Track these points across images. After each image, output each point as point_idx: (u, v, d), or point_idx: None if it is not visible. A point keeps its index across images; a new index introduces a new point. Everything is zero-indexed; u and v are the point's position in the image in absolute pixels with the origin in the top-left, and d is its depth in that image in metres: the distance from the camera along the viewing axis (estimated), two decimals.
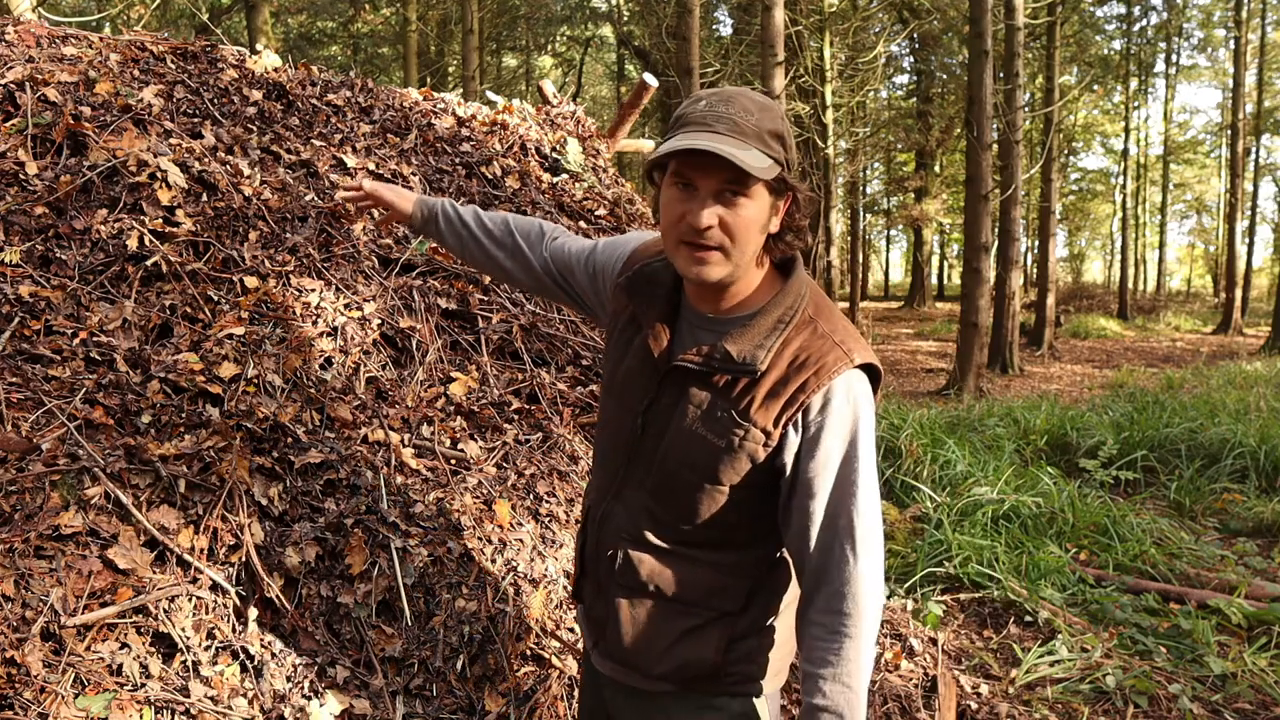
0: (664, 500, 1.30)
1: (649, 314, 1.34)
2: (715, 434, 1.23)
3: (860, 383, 1.22)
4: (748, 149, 1.13)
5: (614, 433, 1.39)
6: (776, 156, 1.17)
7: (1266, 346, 16.18)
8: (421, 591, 2.04)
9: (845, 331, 1.24)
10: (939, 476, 5.38)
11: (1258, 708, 2.97)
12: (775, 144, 1.17)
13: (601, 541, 1.39)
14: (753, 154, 1.13)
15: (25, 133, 2.44)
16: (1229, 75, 24.61)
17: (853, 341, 1.23)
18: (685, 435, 1.26)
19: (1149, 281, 35.72)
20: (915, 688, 2.80)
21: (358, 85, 3.49)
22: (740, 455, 1.22)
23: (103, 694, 1.59)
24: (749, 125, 1.15)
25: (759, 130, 1.15)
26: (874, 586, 1.22)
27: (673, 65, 10.88)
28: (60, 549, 1.71)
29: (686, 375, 1.26)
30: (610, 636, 1.37)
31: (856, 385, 1.21)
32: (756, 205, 1.17)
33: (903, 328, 22.26)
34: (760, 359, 1.20)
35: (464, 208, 1.69)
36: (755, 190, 1.16)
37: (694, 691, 1.34)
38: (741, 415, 1.22)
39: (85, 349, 2.09)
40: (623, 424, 1.35)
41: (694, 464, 1.26)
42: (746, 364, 1.21)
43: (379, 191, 1.71)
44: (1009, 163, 12.17)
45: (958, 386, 10.80)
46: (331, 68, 4.71)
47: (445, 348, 2.70)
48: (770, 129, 1.17)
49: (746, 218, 1.17)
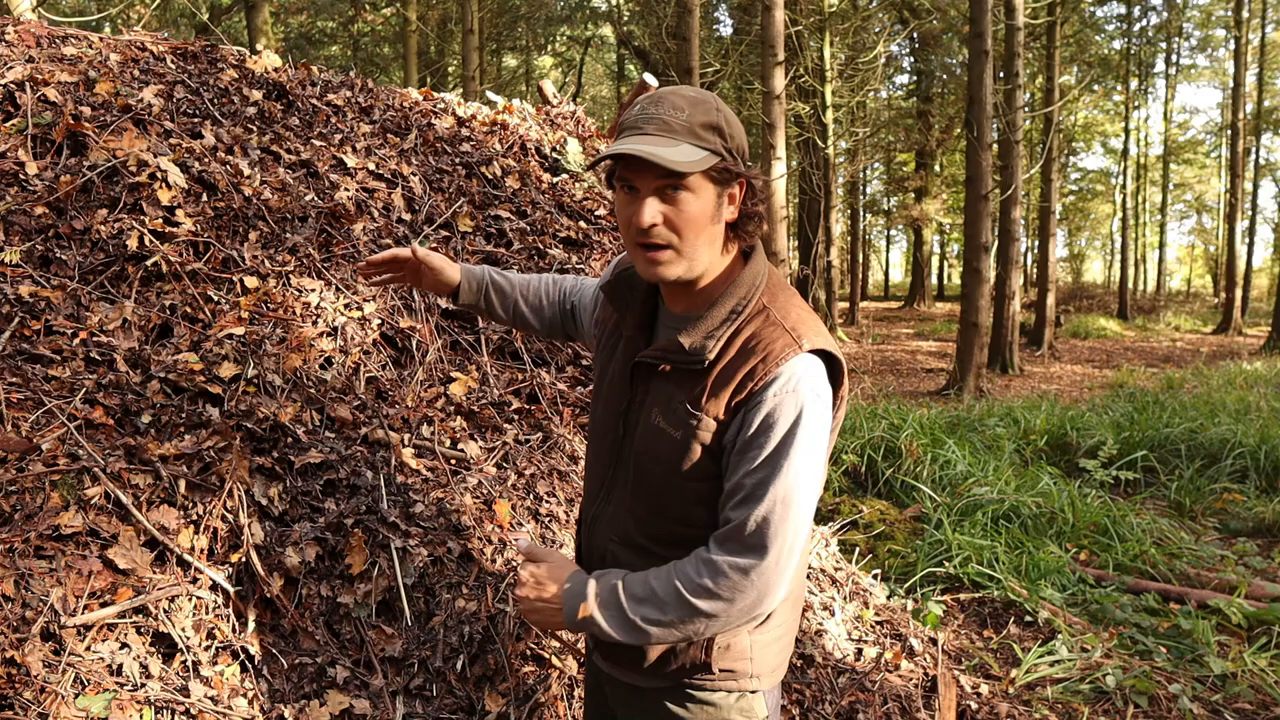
0: (641, 498, 1.32)
1: (627, 318, 1.38)
2: (673, 426, 1.25)
3: (810, 368, 1.20)
4: (677, 145, 1.16)
5: (600, 435, 1.42)
6: (711, 147, 1.19)
7: (1266, 346, 16.19)
8: (421, 591, 2.04)
9: (798, 318, 1.24)
10: (939, 476, 5.38)
11: (1258, 708, 2.97)
12: (710, 135, 1.19)
13: (593, 543, 1.42)
14: (682, 149, 1.16)
15: (25, 133, 2.44)
16: (1229, 75, 24.64)
17: (805, 327, 1.23)
18: (650, 430, 1.28)
19: (1149, 281, 35.72)
20: (915, 688, 2.80)
21: (358, 85, 3.49)
22: (695, 445, 1.23)
23: (103, 694, 1.59)
24: (678, 122, 1.18)
25: (689, 125, 1.18)
26: (770, 580, 1.18)
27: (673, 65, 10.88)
28: (60, 549, 1.71)
29: (650, 372, 1.30)
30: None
31: (804, 371, 1.19)
32: (699, 198, 1.20)
33: (903, 328, 22.25)
34: (709, 348, 1.22)
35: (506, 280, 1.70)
36: (694, 183, 1.19)
37: (689, 687, 1.34)
38: (694, 405, 1.23)
39: (85, 349, 2.09)
40: (608, 426, 1.38)
41: (658, 457, 1.27)
42: (696, 354, 1.22)
43: (430, 259, 1.65)
44: (1009, 163, 12.17)
45: (958, 386, 10.80)
46: (331, 68, 4.72)
47: (445, 348, 2.70)
48: (702, 122, 1.19)
49: (689, 212, 1.19)
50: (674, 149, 1.16)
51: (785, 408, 1.18)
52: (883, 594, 3.41)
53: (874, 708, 2.62)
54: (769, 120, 8.70)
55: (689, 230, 1.20)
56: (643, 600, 1.22)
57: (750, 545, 1.18)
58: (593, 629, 1.25)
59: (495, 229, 3.16)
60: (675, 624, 1.21)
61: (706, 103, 1.21)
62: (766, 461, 1.17)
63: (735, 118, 1.24)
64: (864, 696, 2.63)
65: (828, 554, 3.39)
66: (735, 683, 1.33)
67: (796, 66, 12.76)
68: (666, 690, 1.35)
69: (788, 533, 1.18)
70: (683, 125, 1.18)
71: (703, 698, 1.34)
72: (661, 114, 1.18)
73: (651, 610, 1.21)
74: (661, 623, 1.21)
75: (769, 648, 1.35)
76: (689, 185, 1.18)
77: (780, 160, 8.69)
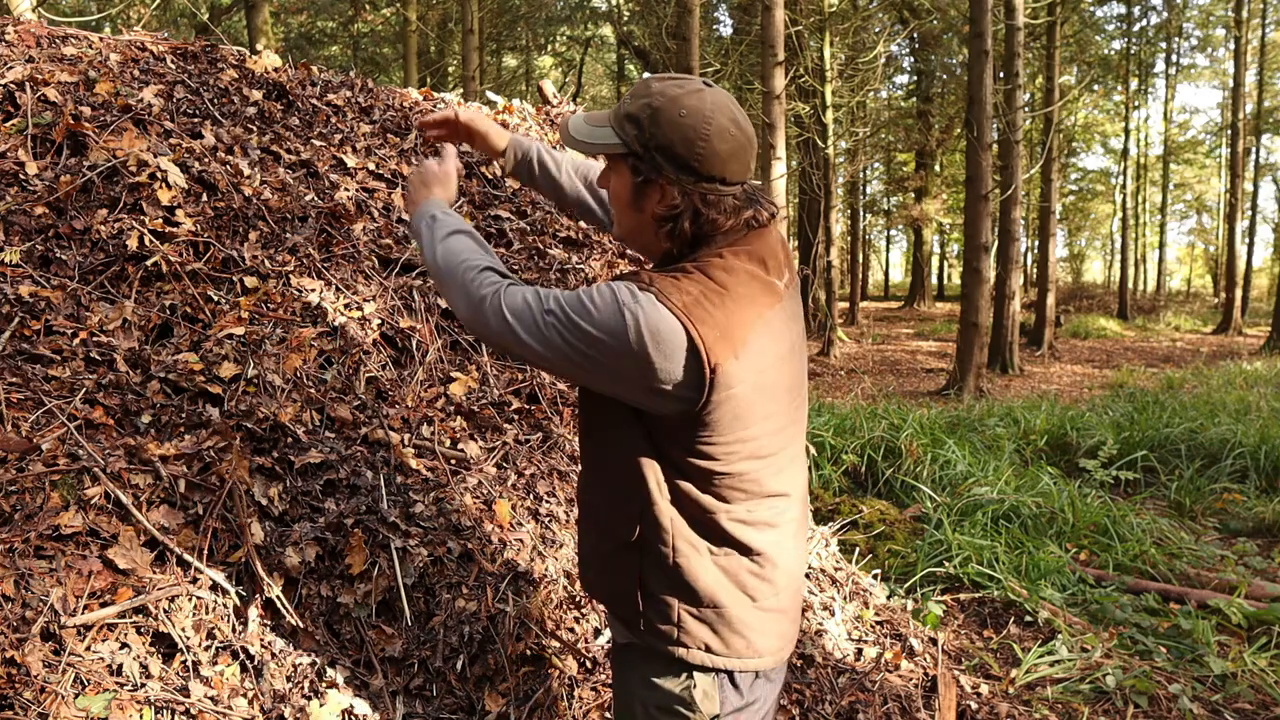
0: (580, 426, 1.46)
1: None
2: None
3: (630, 290, 1.22)
4: (602, 127, 1.29)
5: None
6: (622, 137, 1.27)
7: (1266, 346, 16.18)
8: (421, 591, 2.04)
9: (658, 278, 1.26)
10: (939, 476, 5.38)
11: (1258, 708, 2.97)
12: (624, 125, 1.27)
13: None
14: (600, 131, 1.29)
15: (25, 133, 2.44)
16: (1229, 75, 24.63)
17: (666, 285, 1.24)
18: None
19: (1149, 281, 35.72)
20: (915, 688, 2.80)
21: (358, 85, 3.49)
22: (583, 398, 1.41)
23: (103, 694, 1.59)
24: (618, 108, 1.29)
25: (620, 112, 1.28)
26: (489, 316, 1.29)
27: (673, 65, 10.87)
28: (60, 549, 1.71)
29: None
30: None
31: (624, 289, 1.23)
32: (618, 179, 1.32)
33: (903, 328, 22.25)
34: None
35: (556, 155, 1.77)
36: (617, 167, 1.31)
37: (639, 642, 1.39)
38: None
39: (85, 349, 2.09)
40: None
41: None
42: None
43: (475, 122, 1.75)
44: (1009, 163, 12.17)
45: (958, 386, 10.80)
46: (331, 68, 4.72)
47: (445, 348, 2.70)
48: (626, 111, 1.27)
49: (612, 188, 1.34)
50: (596, 130, 1.29)
51: (604, 289, 1.25)
52: (883, 594, 3.41)
53: (874, 708, 2.62)
54: (769, 120, 8.70)
55: (613, 204, 1.35)
56: (448, 249, 1.40)
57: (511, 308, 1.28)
58: (414, 234, 1.50)
59: (495, 229, 3.16)
60: (445, 273, 1.38)
61: (647, 95, 1.26)
62: (569, 296, 1.26)
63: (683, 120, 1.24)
64: (864, 696, 2.63)
65: (828, 554, 3.39)
66: (667, 647, 1.34)
67: (796, 66, 12.76)
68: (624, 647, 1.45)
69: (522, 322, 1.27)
70: (618, 112, 1.28)
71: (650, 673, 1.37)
72: (623, 98, 1.30)
73: (446, 261, 1.38)
74: (437, 263, 1.40)
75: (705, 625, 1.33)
76: (613, 166, 1.32)
77: (780, 160, 8.69)
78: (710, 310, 1.23)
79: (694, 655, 1.34)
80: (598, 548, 1.45)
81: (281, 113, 3.09)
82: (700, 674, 1.35)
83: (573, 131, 1.31)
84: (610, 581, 1.41)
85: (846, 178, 25.83)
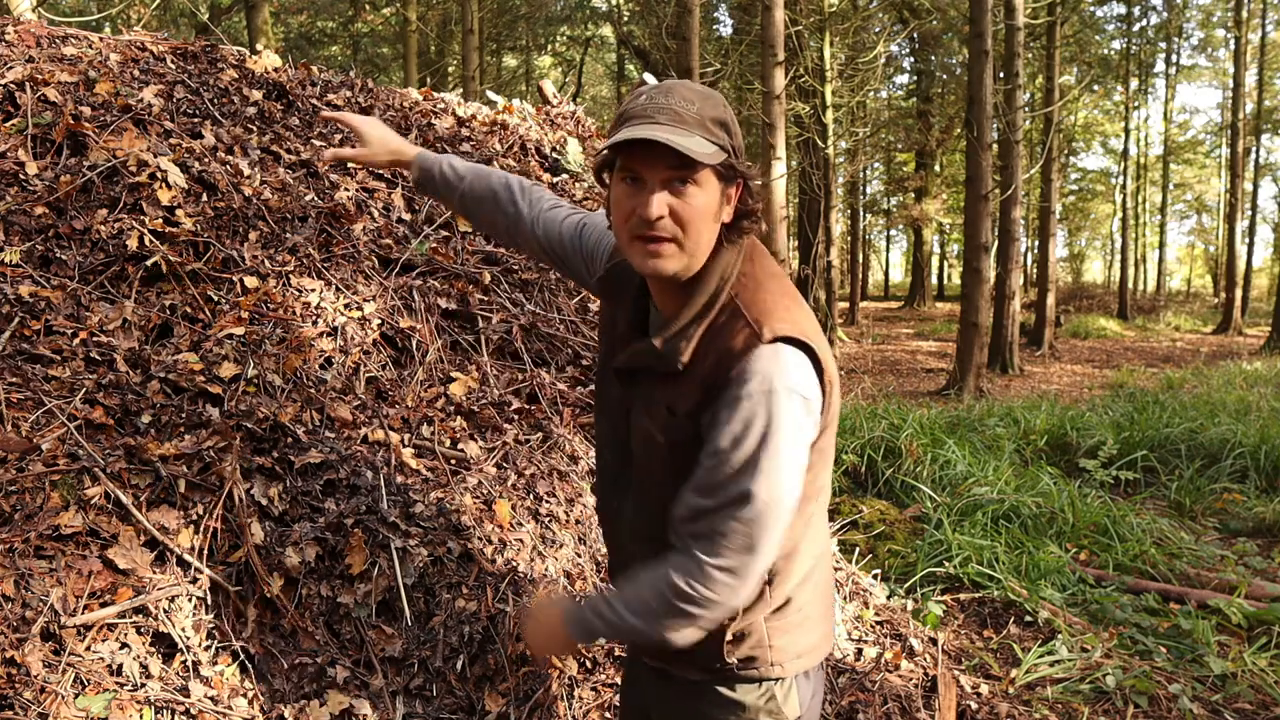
0: (650, 498, 1.30)
1: (620, 317, 1.36)
2: (658, 430, 1.24)
3: (778, 360, 1.15)
4: (691, 136, 1.12)
5: (606, 433, 1.42)
6: (721, 143, 1.15)
7: (1266, 346, 16.19)
8: (421, 591, 2.04)
9: (766, 305, 1.19)
10: (939, 476, 5.38)
11: (1258, 708, 2.97)
12: (719, 130, 1.15)
13: (617, 536, 1.44)
14: (696, 140, 1.12)
15: (25, 133, 2.44)
16: (1229, 75, 24.62)
17: (771, 315, 1.18)
18: (642, 434, 1.28)
19: (1149, 281, 35.72)
20: (915, 688, 2.80)
21: (358, 85, 3.49)
22: (679, 449, 1.21)
23: (103, 694, 1.59)
24: (690, 114, 1.13)
25: (701, 118, 1.14)
26: (746, 564, 1.17)
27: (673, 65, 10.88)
28: (60, 549, 1.71)
29: (634, 374, 1.28)
30: None
31: (771, 365, 1.14)
32: (706, 193, 1.16)
33: (903, 328, 22.25)
34: (681, 350, 1.19)
35: (461, 167, 1.66)
36: (703, 177, 1.15)
37: (715, 680, 1.33)
38: (673, 409, 1.21)
39: (85, 349, 2.09)
40: (613, 424, 1.38)
41: (652, 459, 1.27)
42: (669, 358, 1.20)
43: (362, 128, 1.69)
44: (1009, 163, 12.17)
45: (958, 386, 10.80)
46: (331, 68, 4.72)
47: (445, 348, 2.70)
48: (712, 116, 1.15)
49: (697, 206, 1.15)
50: (689, 139, 1.12)
51: (756, 411, 1.13)
52: (883, 594, 3.41)
53: (874, 708, 2.62)
54: (769, 120, 8.70)
55: (694, 224, 1.15)
56: (632, 609, 1.24)
57: (720, 550, 1.16)
58: (597, 640, 1.29)
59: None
60: (662, 623, 1.22)
61: (714, 98, 1.18)
62: (743, 469, 1.14)
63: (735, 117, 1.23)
64: (864, 696, 2.63)
65: None
66: (756, 670, 1.32)
67: (796, 66, 12.76)
68: (694, 683, 1.36)
69: (757, 540, 1.16)
70: (695, 117, 1.13)
71: (727, 694, 1.33)
72: (673, 104, 1.14)
73: (639, 619, 1.23)
74: (651, 623, 1.22)
75: (789, 634, 1.33)
76: (698, 179, 1.14)
77: (780, 160, 8.69)
78: (805, 315, 1.21)
79: (781, 669, 1.33)
80: None
81: (281, 113, 3.09)
82: (776, 692, 1.34)
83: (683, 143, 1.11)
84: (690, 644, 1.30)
85: (846, 178, 25.83)
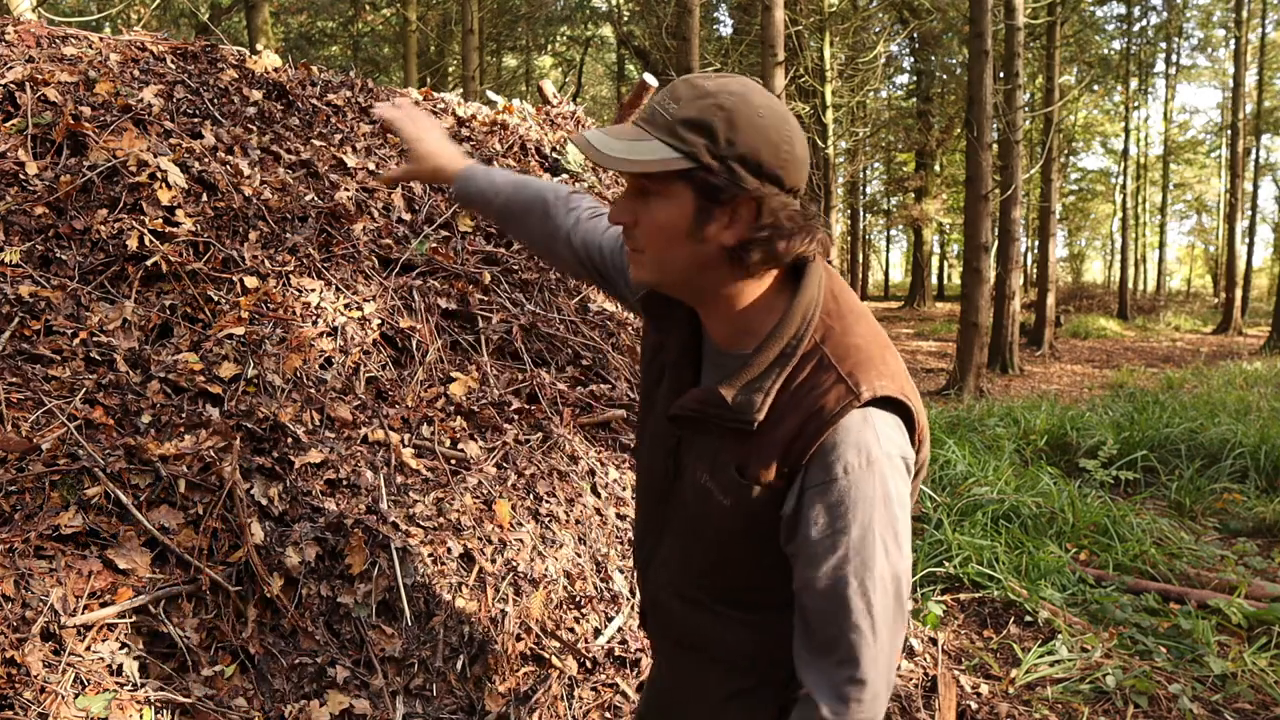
0: (696, 552, 1.17)
1: (670, 344, 1.19)
2: (721, 490, 1.08)
3: (872, 425, 0.99)
4: (646, 141, 0.98)
5: (648, 468, 1.26)
6: (688, 149, 0.96)
7: (1266, 346, 16.19)
8: (421, 591, 2.04)
9: (857, 358, 1.02)
10: (939, 476, 5.38)
11: (1258, 708, 2.97)
12: (690, 134, 0.96)
13: (650, 586, 1.29)
14: (648, 146, 0.97)
15: (25, 133, 2.44)
16: (1229, 75, 24.63)
17: (863, 371, 1.01)
18: (697, 487, 1.12)
19: (1149, 281, 35.73)
20: (915, 688, 2.80)
21: (358, 85, 3.49)
22: (746, 514, 1.06)
23: (103, 694, 1.59)
24: (664, 116, 0.98)
25: (672, 120, 0.97)
26: (887, 664, 1.03)
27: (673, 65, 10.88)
28: (60, 549, 1.71)
29: (692, 421, 1.11)
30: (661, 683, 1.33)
31: (864, 431, 0.99)
32: (671, 206, 1.00)
33: (903, 328, 22.25)
34: (756, 405, 1.02)
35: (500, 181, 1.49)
36: (668, 188, 0.99)
37: None
38: (741, 470, 1.05)
39: (85, 349, 2.09)
40: (655, 460, 1.22)
41: (709, 517, 1.11)
42: (742, 413, 1.02)
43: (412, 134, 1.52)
44: (1009, 163, 12.18)
45: (958, 386, 10.80)
46: (331, 68, 4.72)
47: (445, 348, 2.70)
48: (686, 117, 0.97)
49: (654, 220, 1.01)
50: (636, 144, 0.98)
51: (848, 480, 0.98)
52: None
53: None
54: None
55: (651, 239, 1.02)
56: None
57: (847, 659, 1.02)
58: None
59: (495, 229, 3.16)
60: None
61: (709, 95, 0.98)
62: (845, 560, 0.99)
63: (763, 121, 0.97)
64: None
65: None
66: None
67: (796, 66, 12.76)
68: None
69: (884, 635, 1.02)
70: (666, 120, 0.98)
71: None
72: (660, 104, 1.00)
73: None
74: None
75: None
76: (661, 189, 1.00)
77: None
78: (900, 365, 1.07)
79: None
80: (722, 685, 1.20)
81: (281, 113, 3.09)
82: None
83: (604, 149, 0.99)
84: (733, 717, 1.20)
85: (846, 178, 25.85)
